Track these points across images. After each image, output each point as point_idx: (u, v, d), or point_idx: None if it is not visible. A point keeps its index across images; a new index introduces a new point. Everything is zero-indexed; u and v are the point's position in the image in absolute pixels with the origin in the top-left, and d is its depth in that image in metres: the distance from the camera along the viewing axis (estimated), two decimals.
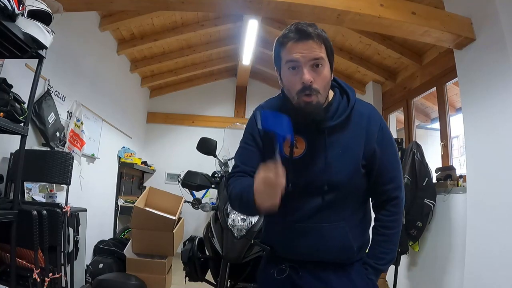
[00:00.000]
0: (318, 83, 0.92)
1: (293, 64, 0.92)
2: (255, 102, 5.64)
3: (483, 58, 2.32)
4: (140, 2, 2.34)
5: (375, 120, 1.03)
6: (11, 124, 1.67)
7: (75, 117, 2.97)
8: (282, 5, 2.23)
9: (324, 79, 0.93)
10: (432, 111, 5.26)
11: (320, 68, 0.92)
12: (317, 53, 0.91)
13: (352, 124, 1.01)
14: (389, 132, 1.07)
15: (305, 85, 0.91)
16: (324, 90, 0.95)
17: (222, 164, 2.19)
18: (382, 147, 1.03)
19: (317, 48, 0.91)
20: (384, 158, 1.03)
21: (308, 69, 0.91)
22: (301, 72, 0.91)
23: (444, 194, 2.69)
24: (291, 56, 0.92)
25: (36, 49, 1.76)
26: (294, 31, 0.92)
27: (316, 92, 0.92)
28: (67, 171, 2.10)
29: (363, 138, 1.00)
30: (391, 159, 1.05)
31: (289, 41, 0.92)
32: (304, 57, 0.90)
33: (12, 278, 1.67)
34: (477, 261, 2.22)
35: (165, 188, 3.86)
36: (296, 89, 0.93)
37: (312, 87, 0.91)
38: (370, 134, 1.01)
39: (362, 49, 3.78)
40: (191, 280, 1.98)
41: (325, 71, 0.93)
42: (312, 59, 0.91)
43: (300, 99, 0.93)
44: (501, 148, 2.13)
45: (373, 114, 1.04)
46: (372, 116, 1.04)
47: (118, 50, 3.96)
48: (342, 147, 0.99)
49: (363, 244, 1.07)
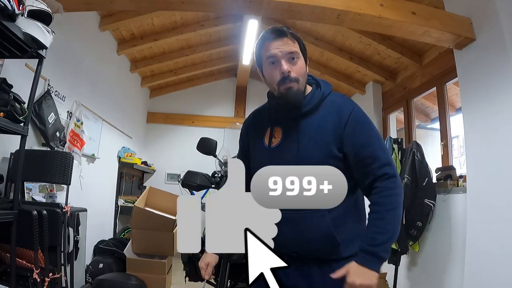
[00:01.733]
0: (295, 72, 1.04)
1: (272, 60, 1.05)
2: (255, 102, 5.66)
3: (483, 58, 2.32)
4: (140, 2, 2.34)
5: (347, 106, 1.07)
6: (11, 124, 1.67)
7: (75, 117, 2.97)
8: (282, 5, 2.23)
9: (300, 69, 1.06)
10: (432, 111, 5.26)
11: (295, 60, 1.05)
12: (291, 47, 1.04)
13: (323, 109, 1.08)
14: (362, 115, 1.07)
15: (284, 75, 1.03)
16: (303, 78, 1.07)
17: (222, 164, 2.19)
18: (354, 126, 1.03)
19: (292, 44, 1.04)
20: (357, 136, 1.03)
21: (285, 61, 1.03)
22: (279, 65, 1.03)
23: (444, 194, 2.69)
24: (270, 53, 1.04)
25: (36, 49, 1.76)
26: (270, 32, 1.06)
27: (295, 80, 1.04)
28: (67, 171, 2.10)
29: (333, 122, 1.04)
30: (365, 136, 1.03)
31: (266, 41, 1.06)
32: (281, 51, 1.03)
33: (12, 278, 1.67)
34: (477, 261, 2.22)
35: (165, 188, 3.86)
36: (276, 80, 1.05)
37: (291, 76, 1.03)
38: (340, 117, 1.05)
39: (362, 49, 3.78)
40: (191, 280, 1.98)
41: (300, 62, 1.06)
42: (288, 53, 1.03)
43: (281, 87, 1.05)
44: (501, 148, 2.13)
45: (345, 101, 1.09)
46: (344, 103, 1.08)
47: (118, 50, 3.96)
48: (313, 130, 1.05)
49: (352, 238, 1.02)
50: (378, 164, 1.00)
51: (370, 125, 1.07)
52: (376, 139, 1.05)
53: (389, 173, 1.00)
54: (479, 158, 2.32)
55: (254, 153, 1.20)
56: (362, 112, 1.08)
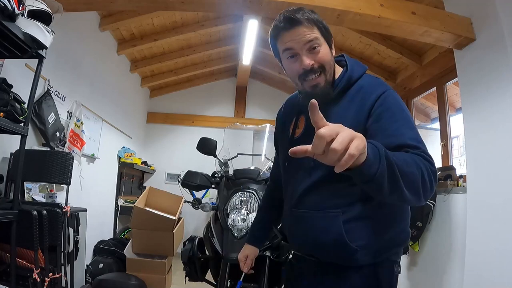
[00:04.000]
0: (319, 62, 0.90)
1: (290, 53, 0.92)
2: (255, 102, 5.67)
3: (483, 58, 2.32)
4: (140, 2, 2.34)
5: (375, 91, 0.90)
6: (11, 124, 1.67)
7: (75, 117, 2.97)
8: (282, 5, 2.23)
9: (325, 57, 0.91)
10: (432, 111, 5.25)
11: (317, 49, 0.90)
12: (310, 35, 0.89)
13: (349, 96, 0.94)
14: (393, 101, 0.89)
15: (306, 70, 0.90)
16: (329, 66, 0.93)
17: (222, 164, 2.19)
18: (379, 115, 0.86)
19: (308, 32, 0.89)
20: (383, 126, 0.85)
21: (306, 54, 0.90)
22: (299, 59, 0.90)
23: (444, 194, 2.68)
24: (286, 45, 0.91)
25: (36, 49, 1.75)
26: (283, 21, 0.91)
27: (320, 70, 0.91)
28: (67, 171, 2.10)
29: (355, 111, 0.90)
30: (393, 126, 0.83)
31: (280, 32, 0.92)
32: (298, 43, 0.89)
33: (12, 278, 1.67)
34: (477, 261, 2.22)
35: (165, 188, 3.86)
36: (298, 74, 0.92)
37: (315, 68, 0.90)
38: (364, 105, 0.89)
39: (362, 49, 3.78)
40: (191, 280, 1.98)
41: (323, 49, 0.91)
42: (306, 43, 0.89)
43: (303, 84, 0.93)
44: (501, 148, 2.13)
45: (374, 86, 0.92)
46: (372, 88, 0.92)
47: (118, 50, 3.96)
48: (333, 121, 0.88)
49: (378, 246, 0.86)
50: (410, 140, 0.81)
51: (402, 114, 0.87)
52: (408, 128, 0.84)
53: (425, 150, 0.79)
54: (479, 158, 2.32)
55: (280, 147, 1.13)
56: (393, 98, 0.90)
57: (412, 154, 0.76)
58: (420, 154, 0.76)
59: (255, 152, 2.57)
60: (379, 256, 0.87)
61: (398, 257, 0.95)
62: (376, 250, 0.87)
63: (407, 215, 0.95)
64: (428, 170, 0.74)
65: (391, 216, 0.90)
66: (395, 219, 0.91)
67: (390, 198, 0.72)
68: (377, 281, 0.87)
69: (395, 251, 0.92)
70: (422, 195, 0.74)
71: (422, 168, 0.73)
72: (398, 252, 0.94)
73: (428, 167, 0.75)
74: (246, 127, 3.89)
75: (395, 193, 0.70)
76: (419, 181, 0.72)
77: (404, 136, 0.81)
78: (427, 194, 0.74)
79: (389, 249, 0.90)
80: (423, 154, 0.76)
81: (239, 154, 2.32)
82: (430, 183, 0.74)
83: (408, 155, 0.75)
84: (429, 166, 0.75)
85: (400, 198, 0.72)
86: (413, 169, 0.72)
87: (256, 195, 1.82)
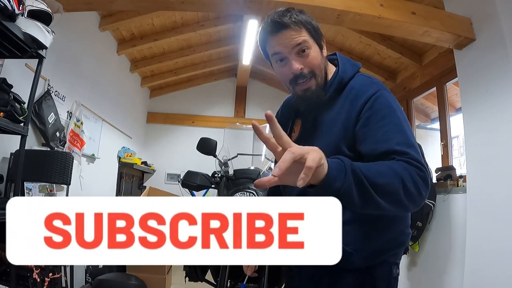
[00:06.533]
0: (308, 67, 0.88)
1: (279, 57, 0.90)
2: (255, 102, 5.67)
3: (483, 58, 2.32)
4: (140, 2, 2.34)
5: (367, 92, 0.86)
6: (11, 124, 1.67)
7: (75, 117, 2.97)
8: (282, 5, 2.20)
9: (314, 61, 0.89)
10: (432, 111, 5.25)
11: (306, 52, 0.88)
12: (297, 38, 0.86)
13: (341, 99, 0.90)
14: (384, 101, 0.85)
15: (295, 74, 0.88)
16: (319, 70, 0.91)
17: (222, 164, 2.19)
18: (368, 117, 0.83)
19: (296, 35, 0.87)
20: (371, 129, 0.82)
21: (295, 57, 0.88)
22: (289, 63, 0.88)
23: (444, 194, 2.68)
24: (274, 50, 0.90)
25: (36, 49, 1.76)
26: (270, 24, 0.89)
27: (310, 75, 0.89)
28: (67, 171, 2.10)
29: (345, 114, 0.87)
30: (383, 129, 0.81)
31: (267, 35, 0.90)
32: (286, 47, 0.87)
33: (12, 278, 1.67)
34: (477, 261, 2.22)
35: (165, 188, 3.86)
36: (288, 79, 0.91)
37: (304, 73, 0.88)
38: (354, 106, 0.86)
39: (362, 49, 3.78)
40: (191, 280, 1.98)
41: (312, 52, 0.89)
42: (294, 46, 0.87)
43: (295, 88, 0.91)
44: (501, 148, 2.13)
45: (366, 86, 0.89)
46: (364, 88, 0.88)
47: (118, 50, 3.96)
48: (325, 125, 0.91)
49: (374, 248, 0.86)
50: (398, 145, 0.79)
51: (392, 116, 0.83)
52: (396, 132, 0.80)
53: (412, 156, 0.76)
54: (479, 158, 2.32)
55: None
56: (383, 99, 0.86)
57: (396, 161, 0.75)
58: (406, 160, 0.75)
59: (255, 152, 2.57)
60: (376, 258, 0.87)
61: (397, 258, 0.93)
62: (373, 252, 0.86)
63: (406, 217, 0.93)
64: (414, 176, 0.72)
65: (388, 218, 0.88)
66: (393, 221, 0.90)
67: (365, 210, 0.72)
68: (373, 283, 0.86)
69: (394, 252, 0.91)
70: (407, 203, 0.71)
71: (403, 176, 0.71)
72: (397, 254, 0.92)
73: (414, 173, 0.73)
74: (246, 127, 3.88)
75: (370, 205, 0.69)
76: (399, 190, 0.70)
77: (392, 141, 0.79)
78: (414, 201, 0.73)
79: (386, 251, 0.89)
80: (409, 160, 0.75)
81: (239, 154, 2.32)
82: (417, 189, 0.72)
83: (387, 163, 0.74)
84: (415, 171, 0.73)
85: (378, 210, 0.71)
86: (389, 179, 0.70)
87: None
